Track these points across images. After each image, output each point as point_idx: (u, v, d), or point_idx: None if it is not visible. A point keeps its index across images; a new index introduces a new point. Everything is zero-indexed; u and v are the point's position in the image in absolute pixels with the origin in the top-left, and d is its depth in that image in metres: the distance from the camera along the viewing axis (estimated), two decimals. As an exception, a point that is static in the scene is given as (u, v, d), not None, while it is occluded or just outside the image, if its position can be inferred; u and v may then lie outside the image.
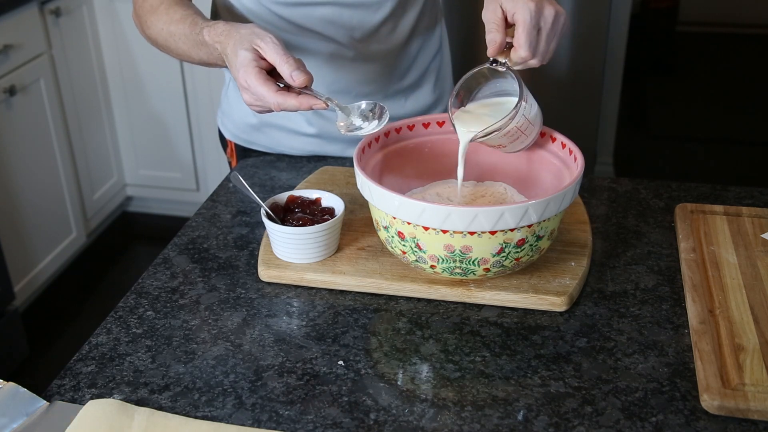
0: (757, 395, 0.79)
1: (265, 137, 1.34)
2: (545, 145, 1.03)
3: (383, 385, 0.84)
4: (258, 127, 1.33)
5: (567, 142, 1.00)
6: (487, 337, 0.91)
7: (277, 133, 1.32)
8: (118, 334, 0.93)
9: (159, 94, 2.82)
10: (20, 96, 2.36)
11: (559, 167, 1.01)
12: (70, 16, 2.59)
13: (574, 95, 2.90)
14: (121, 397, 0.83)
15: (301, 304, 0.97)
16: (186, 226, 1.14)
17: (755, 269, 0.98)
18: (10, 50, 2.30)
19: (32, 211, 2.46)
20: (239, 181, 1.05)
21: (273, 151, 1.35)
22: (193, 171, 2.94)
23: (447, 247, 0.89)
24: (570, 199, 0.91)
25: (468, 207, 0.86)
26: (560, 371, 0.85)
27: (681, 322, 0.93)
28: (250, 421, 0.80)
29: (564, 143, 1.00)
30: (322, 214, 1.03)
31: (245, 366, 0.87)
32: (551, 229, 0.92)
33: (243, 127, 1.36)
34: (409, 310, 0.96)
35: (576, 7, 2.76)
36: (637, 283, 1.00)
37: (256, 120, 1.33)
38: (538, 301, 0.94)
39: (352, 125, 0.98)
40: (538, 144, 1.03)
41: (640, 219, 1.13)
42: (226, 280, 1.02)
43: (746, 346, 0.85)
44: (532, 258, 0.93)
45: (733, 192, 1.19)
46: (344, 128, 0.98)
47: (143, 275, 1.03)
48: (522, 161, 1.06)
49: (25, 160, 2.41)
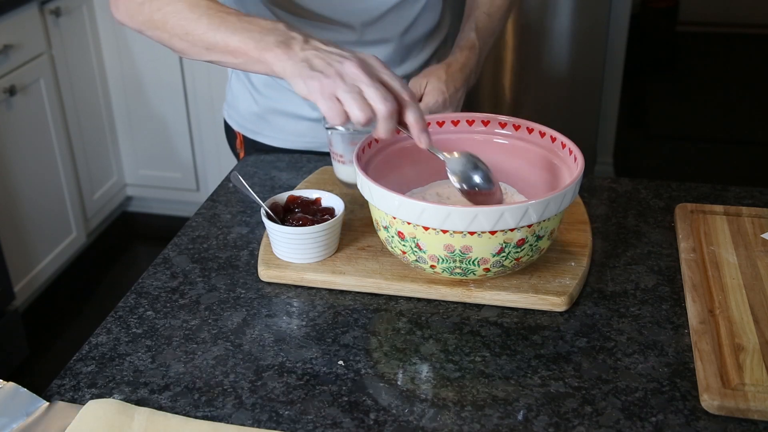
0: (757, 395, 0.79)
1: (268, 125, 1.35)
2: (545, 145, 1.03)
3: (383, 385, 0.84)
4: (262, 114, 1.34)
5: (567, 142, 1.00)
6: (487, 337, 0.91)
7: (280, 119, 1.33)
8: (118, 334, 0.93)
9: (159, 94, 2.82)
10: (20, 96, 2.36)
11: (558, 167, 1.01)
12: (70, 16, 2.59)
13: (574, 95, 2.90)
14: (121, 397, 0.83)
15: (301, 304, 0.97)
16: (186, 226, 1.14)
17: (755, 269, 0.98)
18: (10, 50, 2.30)
19: (32, 211, 2.46)
20: (239, 181, 1.05)
21: (277, 140, 1.35)
22: (193, 171, 2.94)
23: (447, 247, 0.89)
24: (570, 199, 0.91)
25: (468, 207, 0.86)
26: (560, 371, 0.85)
27: (681, 322, 0.93)
28: (250, 421, 0.80)
29: (564, 143, 1.00)
30: (322, 214, 1.03)
31: (245, 366, 0.87)
32: (551, 229, 0.92)
33: (248, 117, 1.37)
34: (409, 310, 0.96)
35: (576, 7, 2.76)
36: (637, 283, 1.00)
37: (259, 108, 1.34)
38: (538, 301, 0.94)
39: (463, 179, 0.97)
40: (538, 144, 1.03)
41: (640, 219, 1.13)
42: (226, 280, 1.02)
43: (746, 346, 0.85)
44: (532, 258, 0.93)
45: (733, 192, 1.19)
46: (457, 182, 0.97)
47: (143, 275, 1.03)
48: (522, 161, 1.06)
49: (25, 160, 2.41)
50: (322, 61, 0.89)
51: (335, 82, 0.87)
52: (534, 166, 1.05)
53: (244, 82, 1.36)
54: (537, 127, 1.04)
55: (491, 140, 1.07)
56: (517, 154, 1.05)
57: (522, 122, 1.05)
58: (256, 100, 1.34)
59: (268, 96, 1.33)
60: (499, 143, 1.07)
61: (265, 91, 1.33)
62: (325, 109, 0.87)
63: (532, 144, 1.04)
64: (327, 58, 0.90)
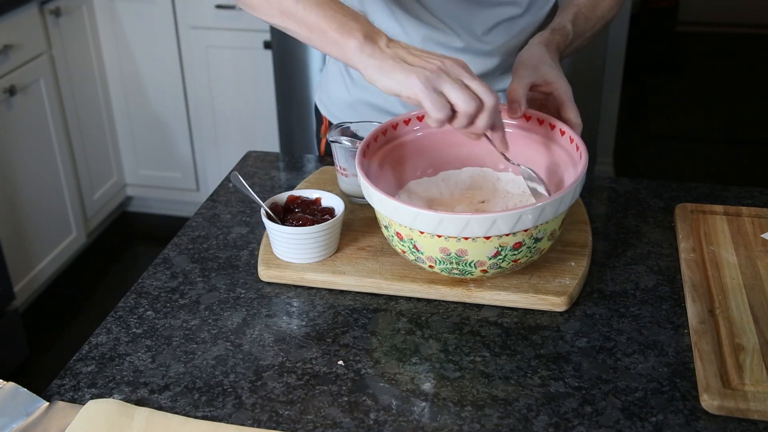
0: (757, 395, 0.79)
1: (355, 114, 1.32)
2: (553, 137, 1.03)
3: (383, 385, 0.84)
4: (351, 104, 1.32)
5: (575, 137, 1.00)
6: (487, 337, 0.91)
7: (368, 110, 1.30)
8: (118, 334, 0.93)
9: (159, 94, 2.82)
10: (20, 96, 2.36)
11: (565, 160, 1.01)
12: (70, 16, 2.59)
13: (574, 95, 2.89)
14: (121, 397, 0.83)
15: (301, 304, 0.97)
16: (186, 226, 1.14)
17: (755, 269, 0.98)
18: (10, 50, 2.30)
19: (32, 211, 2.46)
20: (239, 181, 1.05)
21: (362, 132, 1.33)
22: (193, 171, 2.94)
23: (443, 250, 0.89)
24: (569, 202, 0.90)
25: (459, 214, 0.85)
26: (560, 371, 0.85)
27: (681, 322, 0.93)
28: (250, 421, 0.80)
29: (572, 138, 1.00)
30: (322, 214, 1.03)
31: (245, 366, 0.87)
32: (551, 230, 0.92)
33: (339, 104, 1.35)
34: (409, 310, 0.96)
35: (576, 7, 2.75)
36: (637, 283, 1.00)
37: (350, 97, 1.32)
38: (538, 301, 0.94)
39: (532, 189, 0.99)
40: (546, 136, 1.03)
41: (640, 219, 1.13)
42: (226, 280, 1.02)
43: (746, 346, 0.85)
44: (532, 258, 0.93)
45: (733, 192, 1.19)
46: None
47: (143, 275, 1.03)
48: (532, 151, 1.05)
49: (25, 160, 2.41)
50: (418, 59, 0.89)
51: (439, 76, 0.87)
52: (544, 155, 1.05)
53: (340, 69, 1.34)
54: (539, 116, 1.04)
55: None
56: (527, 145, 1.05)
57: (533, 113, 1.04)
58: (348, 88, 1.32)
59: (363, 87, 1.30)
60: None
61: (360, 81, 1.30)
62: (430, 102, 0.86)
63: (532, 132, 1.04)
64: (422, 55, 0.90)
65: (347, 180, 1.12)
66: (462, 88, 0.87)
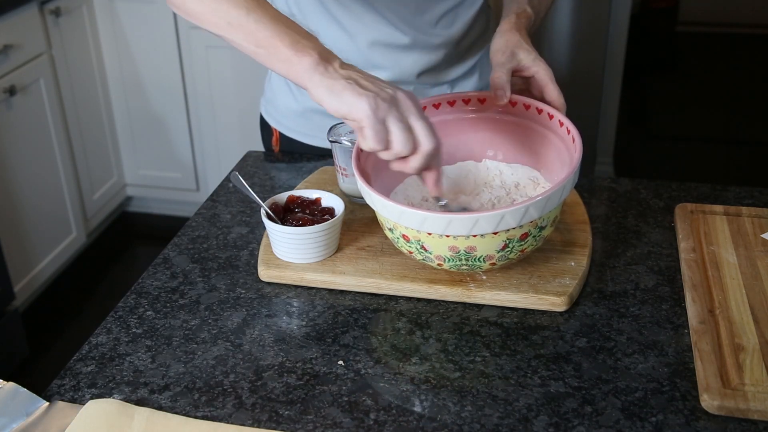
0: (757, 395, 0.79)
1: (308, 124, 1.32)
2: (544, 123, 1.03)
3: (383, 385, 0.84)
4: (301, 112, 1.32)
5: (565, 121, 1.00)
6: (487, 337, 0.91)
7: (320, 118, 1.29)
8: (118, 334, 0.93)
9: (159, 94, 2.82)
10: (20, 96, 2.36)
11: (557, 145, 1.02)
12: (70, 16, 2.59)
13: (574, 95, 2.89)
14: (121, 397, 0.83)
15: (301, 304, 0.97)
16: (186, 226, 1.14)
17: (755, 269, 0.98)
18: (10, 50, 2.30)
19: (32, 211, 2.46)
20: (239, 181, 1.05)
21: (317, 139, 1.33)
22: (193, 171, 2.94)
23: (451, 248, 0.90)
24: (570, 187, 0.91)
25: (468, 214, 0.86)
26: (560, 371, 0.85)
27: (681, 322, 0.93)
28: (250, 421, 0.80)
29: (561, 122, 1.00)
30: (322, 214, 1.03)
31: (245, 366, 0.87)
32: (553, 217, 0.93)
33: (287, 114, 1.34)
34: (409, 310, 0.96)
35: (576, 6, 2.76)
36: (637, 283, 1.00)
37: (298, 106, 1.32)
38: (538, 301, 0.94)
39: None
40: (537, 121, 1.04)
41: (640, 219, 1.13)
42: (226, 280, 1.02)
43: (746, 346, 0.85)
44: (537, 245, 0.94)
45: (733, 192, 1.19)
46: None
47: (143, 275, 1.03)
48: (520, 137, 1.07)
49: (25, 160, 2.41)
50: (371, 84, 0.88)
51: (390, 108, 0.87)
52: (534, 142, 1.05)
53: (284, 79, 1.32)
54: (525, 101, 1.05)
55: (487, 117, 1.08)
56: (514, 130, 1.06)
57: (518, 98, 1.05)
58: (296, 97, 1.31)
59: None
60: (496, 118, 1.08)
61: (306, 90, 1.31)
62: (373, 132, 0.86)
63: (524, 118, 1.05)
64: (375, 82, 0.89)
65: (347, 180, 1.12)
66: (404, 130, 0.87)
